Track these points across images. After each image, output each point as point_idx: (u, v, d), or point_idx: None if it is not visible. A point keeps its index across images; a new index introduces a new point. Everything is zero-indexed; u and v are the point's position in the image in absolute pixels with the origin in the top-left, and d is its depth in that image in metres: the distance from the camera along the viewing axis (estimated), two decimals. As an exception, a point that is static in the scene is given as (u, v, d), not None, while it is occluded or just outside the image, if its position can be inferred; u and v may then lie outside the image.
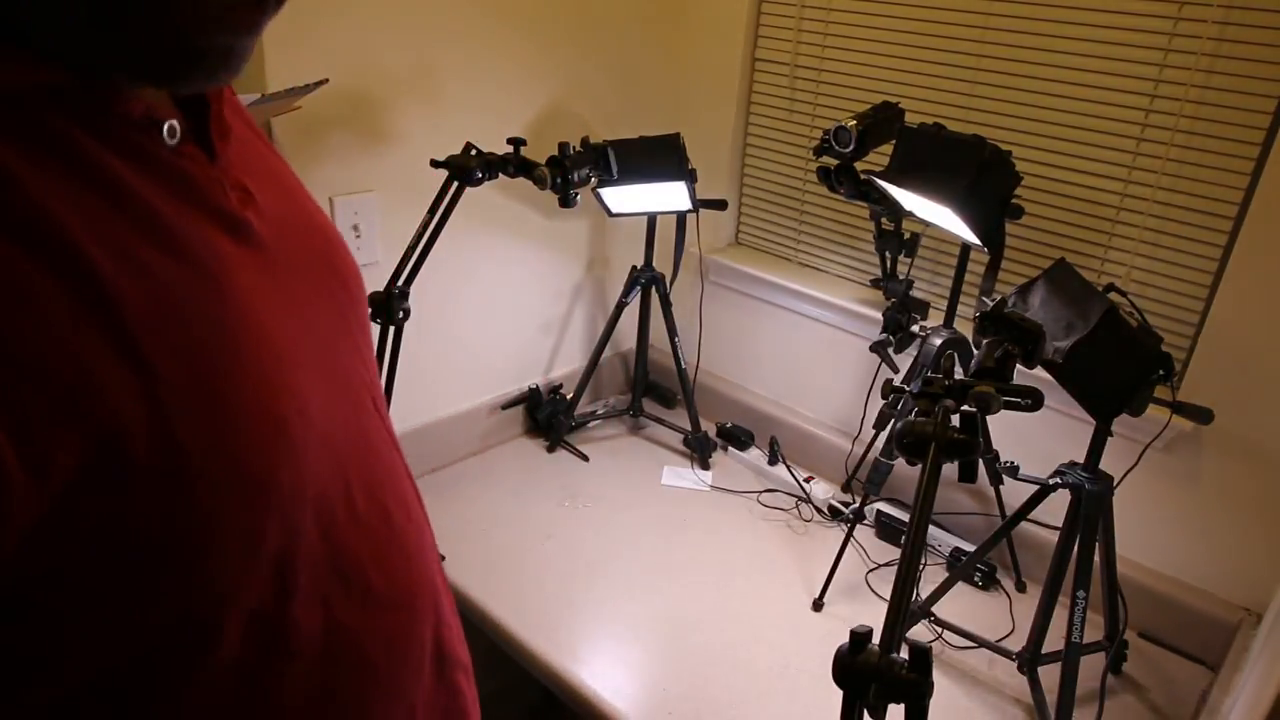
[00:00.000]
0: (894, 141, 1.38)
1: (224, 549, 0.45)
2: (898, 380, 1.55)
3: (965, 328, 1.47)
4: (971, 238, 1.30)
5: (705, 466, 1.84)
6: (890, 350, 1.53)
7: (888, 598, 0.98)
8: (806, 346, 1.85)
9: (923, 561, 1.56)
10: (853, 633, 0.69)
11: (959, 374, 0.92)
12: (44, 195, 0.38)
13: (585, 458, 1.84)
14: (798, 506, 1.73)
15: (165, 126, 0.45)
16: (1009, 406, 0.90)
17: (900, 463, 1.55)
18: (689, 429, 1.84)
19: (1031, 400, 0.90)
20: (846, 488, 1.79)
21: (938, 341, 1.43)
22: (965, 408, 0.87)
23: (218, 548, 0.45)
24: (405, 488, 0.63)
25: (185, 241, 0.45)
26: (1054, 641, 1.26)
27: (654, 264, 1.82)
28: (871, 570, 1.57)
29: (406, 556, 0.60)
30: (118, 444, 0.39)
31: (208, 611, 0.46)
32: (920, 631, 1.41)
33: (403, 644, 0.60)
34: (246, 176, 0.52)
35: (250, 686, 0.50)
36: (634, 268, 1.82)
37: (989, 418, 0.93)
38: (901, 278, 1.55)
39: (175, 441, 0.41)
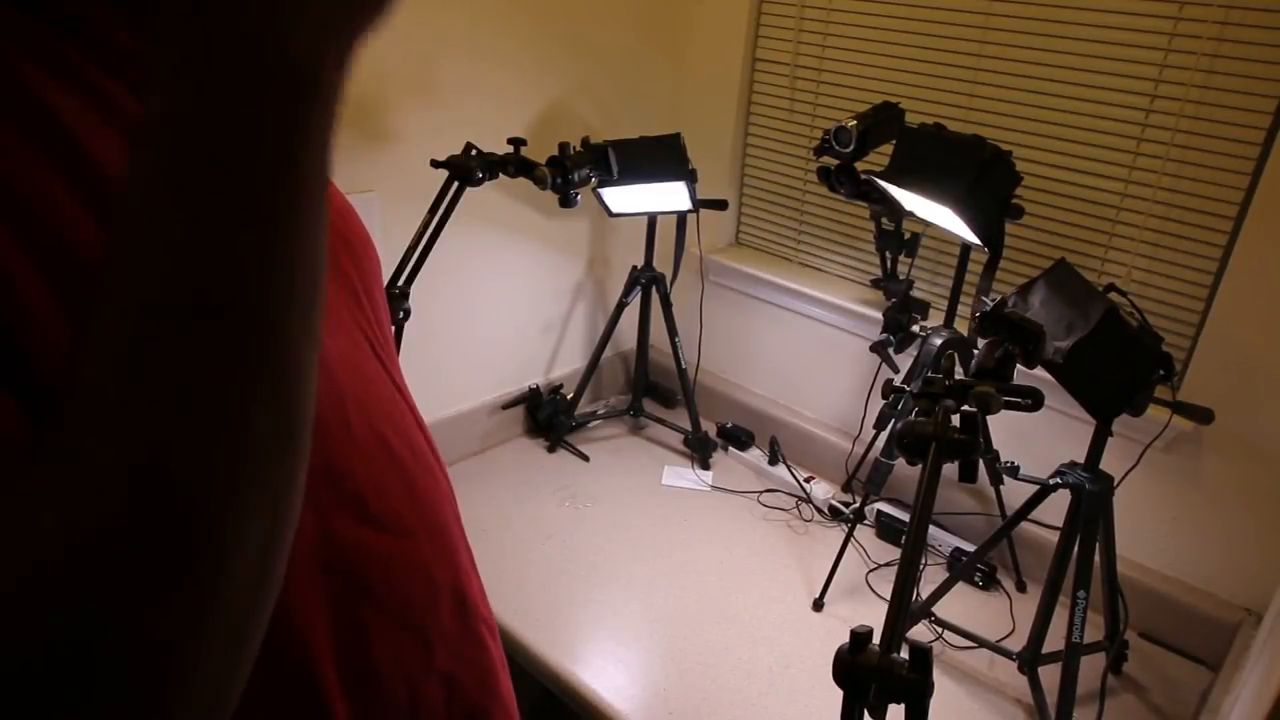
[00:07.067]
0: (894, 142, 1.38)
1: None
2: (898, 380, 1.55)
3: (965, 327, 1.47)
4: (972, 237, 1.30)
5: (705, 466, 1.84)
6: (890, 350, 1.53)
7: (888, 598, 0.98)
8: (807, 346, 1.85)
9: (923, 561, 1.56)
10: (853, 632, 0.69)
11: (959, 374, 0.92)
12: (43, 91, 0.40)
13: (585, 458, 1.84)
14: (798, 506, 1.73)
15: None
16: (1009, 406, 0.90)
17: (900, 463, 1.54)
18: (689, 429, 1.84)
19: (1032, 400, 0.90)
20: (847, 488, 1.79)
21: (938, 341, 1.43)
22: (966, 408, 0.88)
23: None
24: (412, 431, 0.63)
25: None
26: (1054, 641, 1.25)
27: (654, 264, 1.82)
28: (872, 570, 1.57)
29: (411, 490, 0.60)
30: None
31: None
32: (921, 631, 1.41)
33: (405, 572, 0.59)
34: None
35: None
36: (634, 268, 1.82)
37: (989, 418, 0.93)
38: (902, 278, 1.55)
39: None
